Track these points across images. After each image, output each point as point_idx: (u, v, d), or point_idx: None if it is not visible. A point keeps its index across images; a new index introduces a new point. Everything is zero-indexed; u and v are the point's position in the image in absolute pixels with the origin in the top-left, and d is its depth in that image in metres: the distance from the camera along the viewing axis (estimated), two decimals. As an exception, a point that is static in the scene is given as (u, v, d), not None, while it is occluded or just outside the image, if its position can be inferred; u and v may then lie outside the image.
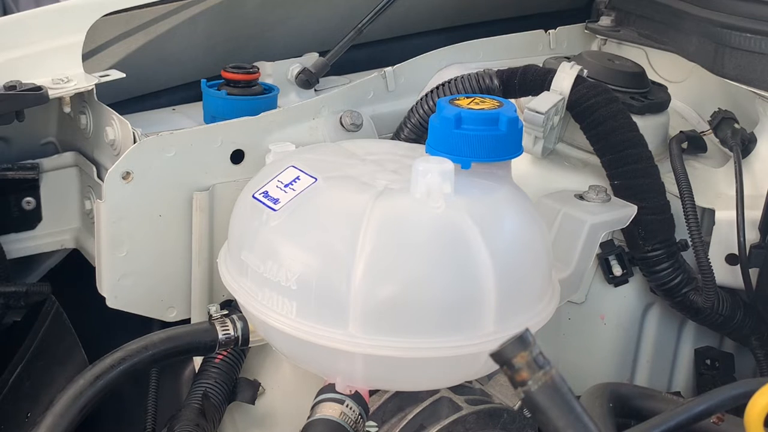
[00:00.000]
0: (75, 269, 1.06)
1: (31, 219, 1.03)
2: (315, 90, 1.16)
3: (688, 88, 1.25)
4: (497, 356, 0.57)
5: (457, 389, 0.86)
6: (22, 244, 1.04)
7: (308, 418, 0.77)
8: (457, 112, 0.76)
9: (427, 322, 0.72)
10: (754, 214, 1.03)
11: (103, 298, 0.94)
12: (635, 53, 1.29)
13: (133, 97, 1.12)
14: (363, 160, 0.84)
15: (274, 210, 0.76)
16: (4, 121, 0.92)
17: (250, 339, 0.87)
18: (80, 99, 0.99)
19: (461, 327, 0.73)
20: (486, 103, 0.79)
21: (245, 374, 0.98)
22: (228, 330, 0.87)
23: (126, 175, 0.91)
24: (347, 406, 0.77)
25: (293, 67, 1.15)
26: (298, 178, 0.78)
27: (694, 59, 1.18)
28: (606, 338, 1.10)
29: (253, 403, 0.97)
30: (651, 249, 1.02)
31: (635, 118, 1.02)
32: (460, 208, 0.73)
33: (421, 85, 1.14)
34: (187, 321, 0.98)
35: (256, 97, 1.02)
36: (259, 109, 0.98)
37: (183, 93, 1.15)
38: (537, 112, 0.99)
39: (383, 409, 0.85)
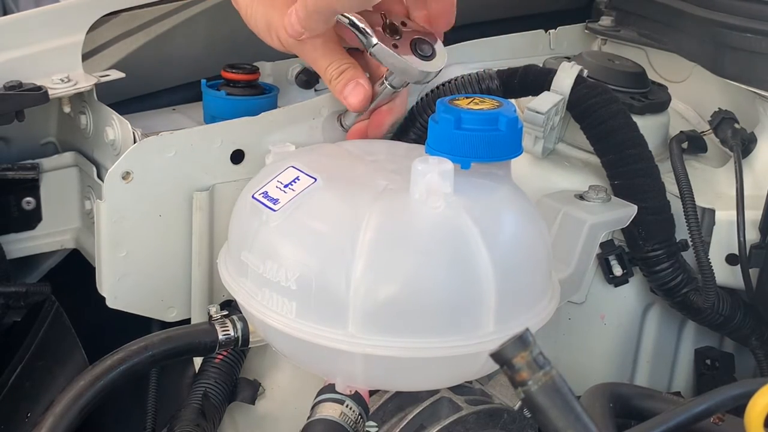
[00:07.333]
0: (75, 269, 1.06)
1: (31, 219, 1.03)
2: (315, 90, 1.16)
3: (688, 88, 1.25)
4: (497, 356, 0.57)
5: (457, 389, 0.86)
6: (22, 244, 1.03)
7: (308, 418, 0.77)
8: (456, 112, 0.76)
9: (427, 322, 0.72)
10: (754, 214, 1.03)
11: (103, 298, 0.94)
12: (635, 53, 1.29)
13: (133, 97, 1.12)
14: (363, 160, 0.84)
15: (274, 210, 0.76)
16: (4, 121, 0.92)
17: (250, 339, 0.87)
18: (80, 99, 0.99)
19: (461, 327, 0.73)
20: (486, 103, 0.78)
21: (245, 374, 0.98)
22: (228, 330, 0.87)
23: (126, 175, 0.90)
24: (347, 406, 0.77)
25: (293, 67, 1.15)
26: (297, 178, 0.78)
27: (694, 59, 1.18)
28: (606, 338, 1.10)
29: (253, 403, 0.97)
30: (651, 249, 1.01)
31: (635, 118, 1.02)
32: (460, 209, 0.73)
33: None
34: (187, 321, 0.98)
35: (256, 97, 1.02)
36: (259, 109, 0.98)
37: (183, 93, 1.15)
38: (537, 112, 0.99)
39: (383, 409, 0.85)
